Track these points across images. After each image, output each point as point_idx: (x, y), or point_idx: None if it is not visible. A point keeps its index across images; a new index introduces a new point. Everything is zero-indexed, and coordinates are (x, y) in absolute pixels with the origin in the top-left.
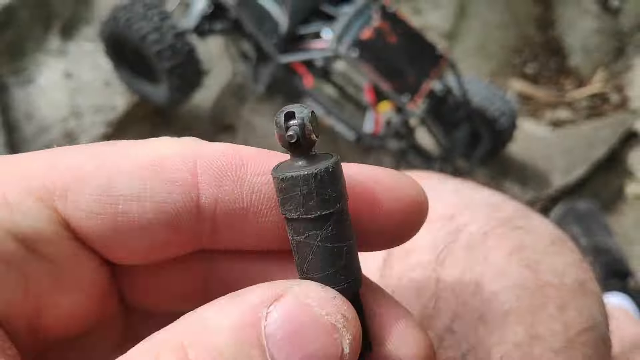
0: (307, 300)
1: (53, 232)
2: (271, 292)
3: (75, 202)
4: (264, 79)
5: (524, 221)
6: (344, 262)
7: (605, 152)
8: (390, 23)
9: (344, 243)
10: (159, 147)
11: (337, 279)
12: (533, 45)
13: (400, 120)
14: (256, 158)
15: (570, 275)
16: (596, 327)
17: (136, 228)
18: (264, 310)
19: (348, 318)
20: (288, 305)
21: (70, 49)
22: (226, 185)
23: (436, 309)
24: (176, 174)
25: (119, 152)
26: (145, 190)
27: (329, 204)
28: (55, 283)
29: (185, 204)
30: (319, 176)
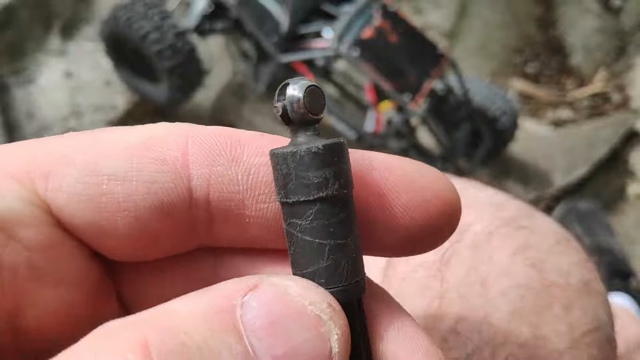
0: (287, 289)
1: (31, 215)
2: (245, 283)
3: (57, 183)
4: (264, 79)
5: (529, 220)
6: (325, 263)
7: (606, 152)
8: (391, 22)
9: (328, 240)
10: (151, 128)
11: (316, 282)
12: (534, 44)
13: (402, 119)
14: (254, 139)
15: (576, 275)
16: (601, 327)
17: (122, 211)
18: (238, 299)
19: (335, 309)
20: (265, 294)
21: (70, 49)
22: (219, 165)
23: (440, 310)
24: (165, 153)
25: (107, 134)
26: (131, 170)
27: (309, 190)
28: (34, 274)
29: (175, 184)
30: (297, 156)
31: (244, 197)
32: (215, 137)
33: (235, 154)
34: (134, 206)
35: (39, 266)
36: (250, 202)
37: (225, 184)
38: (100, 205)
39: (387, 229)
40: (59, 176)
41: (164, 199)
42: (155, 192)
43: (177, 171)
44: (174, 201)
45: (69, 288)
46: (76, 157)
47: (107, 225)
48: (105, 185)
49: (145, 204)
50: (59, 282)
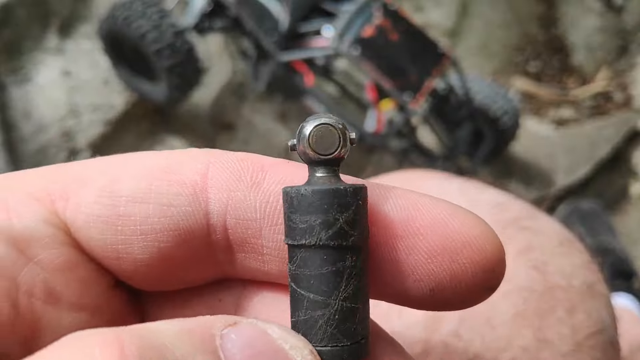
0: (267, 330)
1: (50, 236)
2: (224, 318)
3: (76, 204)
4: (264, 77)
5: (531, 221)
6: (303, 316)
7: (609, 152)
8: (392, 21)
9: (308, 294)
10: (173, 152)
11: None
12: (536, 43)
13: (403, 118)
14: (278, 166)
15: (579, 277)
16: (605, 330)
17: (139, 234)
18: (217, 330)
19: (316, 357)
20: (246, 330)
21: (68, 47)
22: (238, 190)
23: (441, 314)
24: (185, 176)
25: (129, 157)
26: (149, 192)
27: (294, 235)
28: (51, 297)
29: (192, 208)
30: (288, 197)
31: (261, 226)
32: (237, 162)
33: (256, 179)
34: (150, 229)
35: (56, 289)
36: (267, 231)
37: (243, 210)
38: (117, 228)
39: (411, 276)
40: (78, 197)
41: (181, 223)
42: (172, 216)
43: (196, 194)
44: (191, 225)
45: (88, 314)
46: (96, 179)
47: (124, 249)
48: (123, 207)
49: (162, 227)
50: (78, 307)
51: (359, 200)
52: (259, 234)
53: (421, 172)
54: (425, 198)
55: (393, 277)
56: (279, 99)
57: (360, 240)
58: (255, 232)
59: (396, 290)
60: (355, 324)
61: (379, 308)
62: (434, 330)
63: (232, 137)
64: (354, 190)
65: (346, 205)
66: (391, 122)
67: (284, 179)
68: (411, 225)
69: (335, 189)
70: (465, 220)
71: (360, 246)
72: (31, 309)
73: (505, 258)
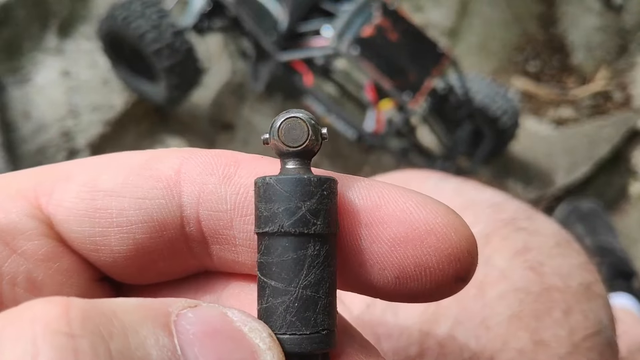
0: (227, 313)
1: (33, 228)
2: (186, 301)
3: (58, 199)
4: (263, 77)
5: (528, 222)
6: (265, 304)
7: (608, 151)
8: (391, 20)
9: (269, 281)
10: (153, 151)
11: None
12: (535, 42)
13: (402, 118)
14: (251, 161)
15: (576, 278)
16: (602, 331)
17: (115, 226)
18: (175, 309)
19: (276, 341)
20: (205, 313)
21: (67, 48)
22: (210, 184)
23: (436, 315)
24: (160, 171)
25: (110, 156)
26: (126, 186)
27: (260, 223)
28: (34, 286)
29: (166, 201)
30: (257, 186)
31: (232, 217)
32: (210, 158)
33: (228, 172)
34: (126, 221)
35: (38, 279)
36: (238, 222)
37: (214, 202)
38: (95, 220)
39: (376, 265)
40: (60, 193)
41: (155, 215)
42: (146, 208)
43: (169, 188)
44: (165, 217)
45: None
46: (78, 176)
47: (102, 241)
48: (100, 200)
49: (137, 219)
50: None
51: (323, 191)
52: (230, 225)
53: (417, 172)
54: (393, 188)
55: (359, 267)
56: (279, 99)
57: (325, 230)
58: (227, 224)
59: (362, 280)
60: (316, 314)
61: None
62: (429, 331)
63: (231, 137)
64: (318, 180)
65: (309, 194)
66: (390, 122)
67: (256, 172)
68: (376, 213)
69: (299, 178)
70: (431, 209)
71: (325, 236)
72: (14, 297)
73: (477, 249)
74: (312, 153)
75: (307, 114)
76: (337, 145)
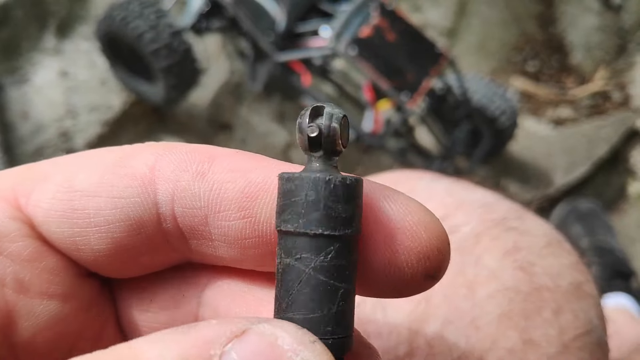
0: (277, 341)
1: (16, 230)
2: (232, 327)
3: (36, 200)
4: (261, 78)
5: (519, 222)
6: (336, 308)
7: (607, 151)
8: (389, 21)
9: (343, 284)
10: (128, 147)
11: (323, 329)
12: (534, 42)
13: (400, 119)
14: (226, 156)
15: (566, 278)
16: (592, 331)
17: (93, 226)
18: (218, 349)
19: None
20: (251, 345)
21: (65, 48)
22: (183, 180)
23: (426, 314)
24: (135, 169)
25: (87, 154)
26: (101, 185)
27: (336, 225)
28: (21, 287)
29: (142, 199)
30: (331, 184)
31: (206, 214)
32: (185, 154)
33: (202, 169)
34: (103, 221)
35: (25, 279)
36: (212, 218)
37: (188, 199)
38: (73, 221)
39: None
40: (38, 193)
41: (132, 214)
42: (122, 207)
43: (145, 186)
44: (141, 216)
45: (59, 302)
46: (55, 176)
47: (81, 241)
48: (77, 201)
49: (114, 218)
50: (48, 296)
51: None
52: (205, 221)
53: (409, 173)
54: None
55: None
56: (277, 99)
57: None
58: (202, 220)
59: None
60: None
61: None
62: (418, 330)
63: (229, 137)
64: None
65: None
66: (389, 122)
67: (230, 167)
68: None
69: (361, 179)
70: (402, 207)
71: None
72: (4, 298)
73: (448, 247)
74: (340, 152)
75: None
76: None
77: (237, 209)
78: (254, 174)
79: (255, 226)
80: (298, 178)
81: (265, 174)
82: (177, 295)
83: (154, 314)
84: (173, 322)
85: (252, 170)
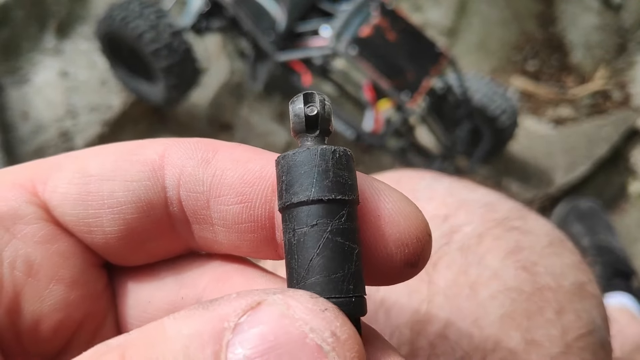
0: (289, 310)
1: (31, 213)
2: (248, 300)
3: (53, 186)
4: (261, 77)
5: (521, 221)
6: (354, 267)
7: (607, 150)
8: (389, 20)
9: (356, 245)
10: (138, 141)
11: (345, 288)
12: (534, 42)
13: (400, 118)
14: (229, 147)
15: (569, 278)
16: (595, 331)
17: (106, 208)
18: (232, 321)
19: (340, 338)
20: (263, 316)
21: (65, 48)
22: (189, 166)
23: (428, 314)
24: (146, 156)
25: (99, 147)
26: (115, 170)
27: (345, 190)
28: (31, 269)
29: (152, 183)
30: (337, 154)
31: (208, 198)
32: (192, 144)
33: (206, 157)
34: (116, 203)
35: (35, 261)
36: (213, 202)
37: (192, 183)
38: (88, 203)
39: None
40: (54, 180)
41: (142, 196)
42: (134, 190)
43: (154, 171)
44: (151, 199)
45: (66, 287)
46: (70, 164)
47: (94, 222)
48: (92, 184)
49: (126, 200)
50: (56, 280)
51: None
52: (207, 205)
53: (410, 172)
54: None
55: None
56: (277, 98)
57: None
58: (204, 204)
59: None
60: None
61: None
62: (421, 331)
63: (230, 137)
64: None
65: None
66: (389, 122)
67: (232, 157)
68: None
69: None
70: (383, 196)
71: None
72: (13, 281)
73: (429, 237)
74: (329, 128)
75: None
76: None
77: (235, 194)
78: (252, 163)
79: (251, 211)
80: (305, 152)
81: (262, 164)
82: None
83: (150, 315)
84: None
85: (250, 160)
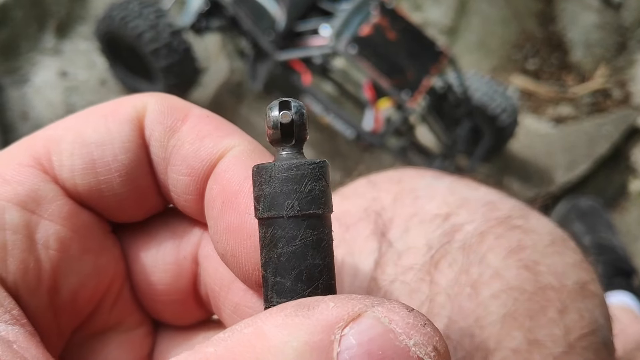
0: (391, 324)
1: (50, 191)
2: (348, 310)
3: (58, 160)
4: (261, 77)
5: (523, 220)
6: (272, 281)
7: (608, 149)
8: (389, 19)
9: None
10: (119, 99)
11: None
12: (534, 40)
13: (401, 117)
14: (197, 117)
15: (571, 277)
16: (598, 330)
17: (114, 172)
18: (337, 333)
19: (440, 352)
20: (368, 329)
21: (65, 48)
22: (157, 131)
23: (430, 314)
24: (129, 115)
25: (81, 114)
26: (109, 133)
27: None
28: (63, 246)
29: (143, 141)
30: (255, 171)
31: (166, 165)
32: (166, 107)
33: (174, 125)
34: (122, 166)
35: (66, 237)
36: (169, 170)
37: (157, 148)
38: (95, 171)
39: None
40: (57, 154)
41: (139, 154)
42: (133, 150)
43: (141, 129)
44: (144, 156)
45: (94, 257)
46: (65, 135)
47: (106, 188)
48: (95, 152)
49: (129, 160)
50: (85, 251)
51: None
52: (165, 170)
53: (411, 171)
54: None
55: None
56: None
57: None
58: (163, 169)
59: None
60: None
61: None
62: None
63: None
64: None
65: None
66: (389, 121)
67: (196, 131)
68: None
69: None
70: None
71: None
72: (49, 260)
73: None
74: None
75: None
76: (335, 144)
77: (186, 166)
78: (208, 139)
79: (198, 185)
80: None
81: (215, 142)
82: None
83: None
84: None
85: (207, 136)
